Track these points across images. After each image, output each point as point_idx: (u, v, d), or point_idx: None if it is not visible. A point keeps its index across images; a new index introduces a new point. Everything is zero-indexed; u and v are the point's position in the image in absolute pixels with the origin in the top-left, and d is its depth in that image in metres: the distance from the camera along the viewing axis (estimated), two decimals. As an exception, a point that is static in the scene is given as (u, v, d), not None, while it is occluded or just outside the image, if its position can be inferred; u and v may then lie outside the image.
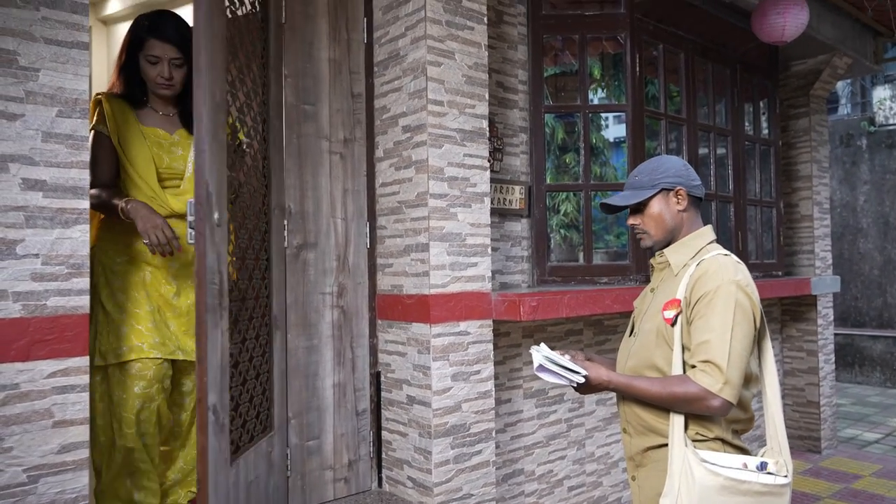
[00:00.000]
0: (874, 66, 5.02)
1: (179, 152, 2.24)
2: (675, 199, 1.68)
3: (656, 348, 1.60)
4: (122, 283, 2.14)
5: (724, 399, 1.46)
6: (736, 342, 1.48)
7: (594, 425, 3.40)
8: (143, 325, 2.12)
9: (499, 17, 3.02)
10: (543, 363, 1.52)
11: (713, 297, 1.51)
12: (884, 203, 7.98)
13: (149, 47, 2.17)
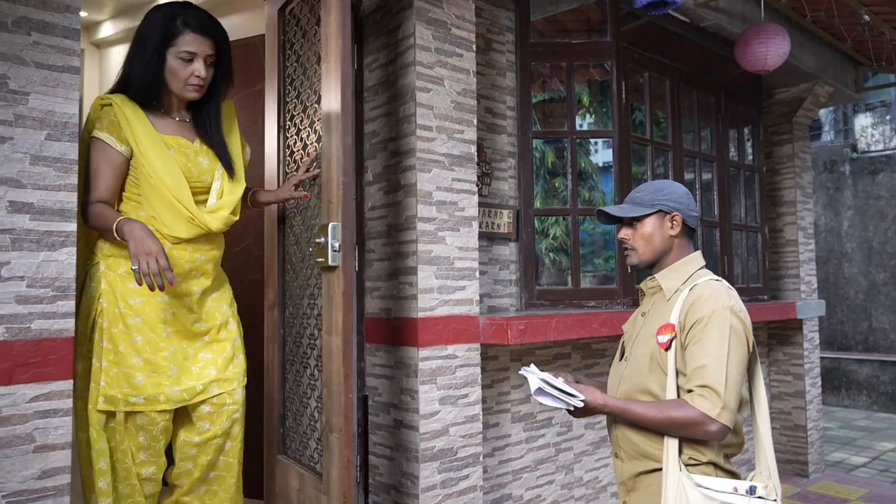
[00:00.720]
0: (855, 94, 5.12)
1: (205, 163, 1.97)
2: (669, 224, 1.70)
3: (650, 373, 1.61)
4: (141, 322, 1.87)
5: (722, 424, 1.47)
6: (732, 367, 1.49)
7: (583, 449, 3.39)
8: (162, 374, 1.87)
9: (487, 44, 3.07)
10: (542, 386, 1.52)
11: (708, 322, 1.52)
12: (867, 228, 8.09)
13: (183, 42, 1.87)
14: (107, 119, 1.86)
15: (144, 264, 1.70)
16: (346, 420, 1.84)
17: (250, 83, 2.99)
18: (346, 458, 1.84)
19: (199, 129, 2.01)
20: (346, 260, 1.86)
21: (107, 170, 1.86)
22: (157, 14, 1.91)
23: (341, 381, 1.85)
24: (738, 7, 3.83)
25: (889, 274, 7.89)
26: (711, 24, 3.71)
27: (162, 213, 1.87)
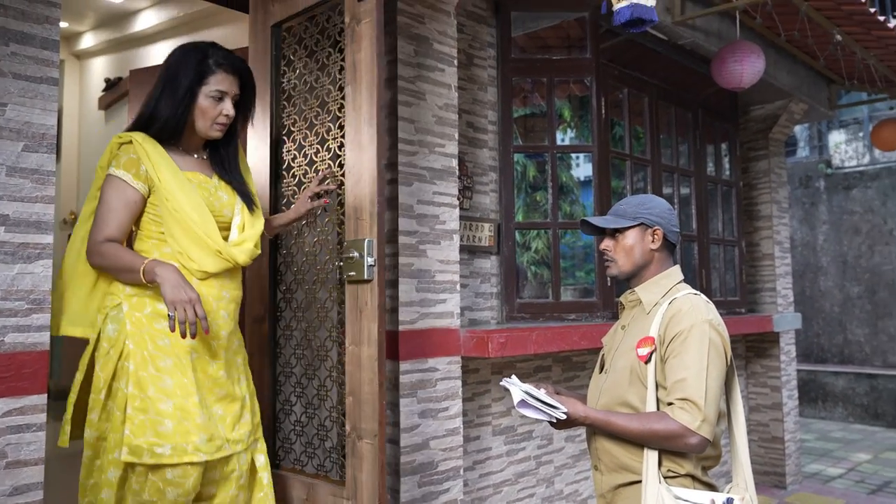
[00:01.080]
0: (828, 111, 5.23)
1: (225, 198, 1.95)
2: (650, 237, 1.73)
3: (629, 385, 1.62)
4: (171, 365, 1.78)
5: (703, 436, 1.49)
6: (711, 380, 1.51)
7: (563, 462, 3.40)
8: (192, 422, 1.75)
9: (469, 59, 3.10)
10: (525, 399, 1.53)
11: (688, 335, 1.55)
12: (842, 242, 8.23)
13: (215, 81, 1.87)
14: (125, 157, 1.82)
15: (182, 311, 1.65)
16: (380, 426, 1.90)
17: (232, 95, 2.98)
18: (381, 463, 1.90)
19: (216, 165, 2.00)
20: (381, 274, 1.94)
21: (121, 208, 1.81)
22: (188, 53, 1.90)
23: (375, 390, 1.91)
24: (715, 26, 3.91)
25: (863, 287, 8.03)
26: (689, 42, 3.78)
27: (189, 247, 1.82)
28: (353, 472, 1.98)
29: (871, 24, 3.54)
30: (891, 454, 5.95)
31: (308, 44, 2.36)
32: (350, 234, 2.02)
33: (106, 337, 1.79)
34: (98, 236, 1.78)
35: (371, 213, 1.95)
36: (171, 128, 1.87)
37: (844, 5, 3.31)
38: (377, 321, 1.93)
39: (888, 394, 7.24)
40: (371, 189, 1.96)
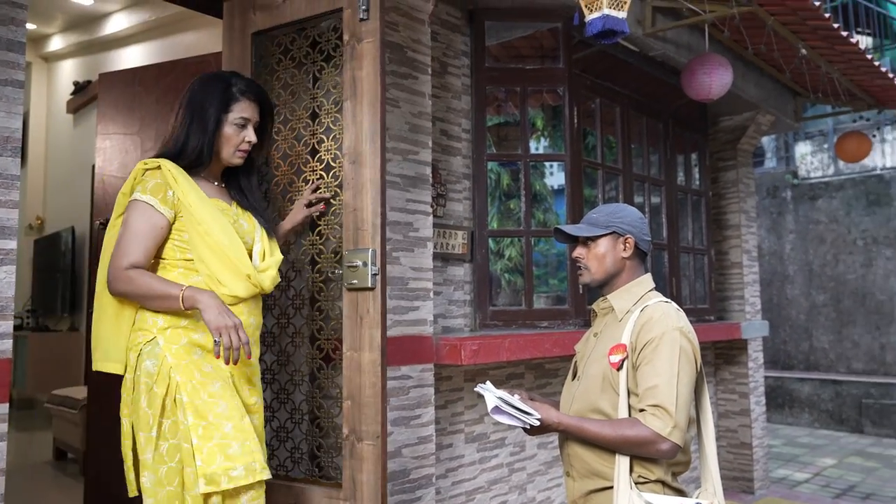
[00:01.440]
0: (794, 123, 5.35)
1: (246, 225, 1.96)
2: (622, 246, 1.76)
3: (602, 392, 1.64)
4: (221, 388, 1.77)
5: (674, 442, 1.51)
6: (682, 387, 1.54)
7: (536, 469, 3.41)
8: (252, 441, 1.75)
9: (443, 67, 3.11)
10: (499, 405, 1.54)
11: (659, 343, 1.57)
12: (808, 251, 8.41)
13: (239, 109, 1.92)
14: (151, 181, 1.81)
15: (227, 338, 1.66)
16: (382, 428, 2.00)
17: (204, 101, 2.96)
18: (383, 464, 2.00)
19: (234, 192, 2.03)
20: (383, 282, 2.04)
21: (148, 233, 1.79)
22: (212, 82, 1.94)
23: (377, 393, 2.01)
24: (685, 38, 3.98)
25: (828, 296, 8.21)
26: (659, 54, 3.85)
27: (220, 272, 1.82)
28: (352, 473, 2.05)
29: (834, 39, 3.64)
30: (855, 459, 6.07)
31: (296, 55, 2.37)
32: (349, 244, 2.10)
33: (145, 373, 1.74)
34: (122, 262, 1.75)
35: (374, 225, 2.05)
36: (198, 158, 1.88)
37: (809, 20, 3.40)
38: (380, 328, 2.02)
39: (852, 399, 7.40)
40: (374, 201, 2.06)
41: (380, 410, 2.00)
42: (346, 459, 2.07)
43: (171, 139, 1.91)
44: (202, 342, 1.80)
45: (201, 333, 1.80)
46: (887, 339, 7.76)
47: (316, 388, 2.30)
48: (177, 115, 1.93)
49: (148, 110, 3.05)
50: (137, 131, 3.07)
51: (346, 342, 2.09)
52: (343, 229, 2.14)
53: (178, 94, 3.02)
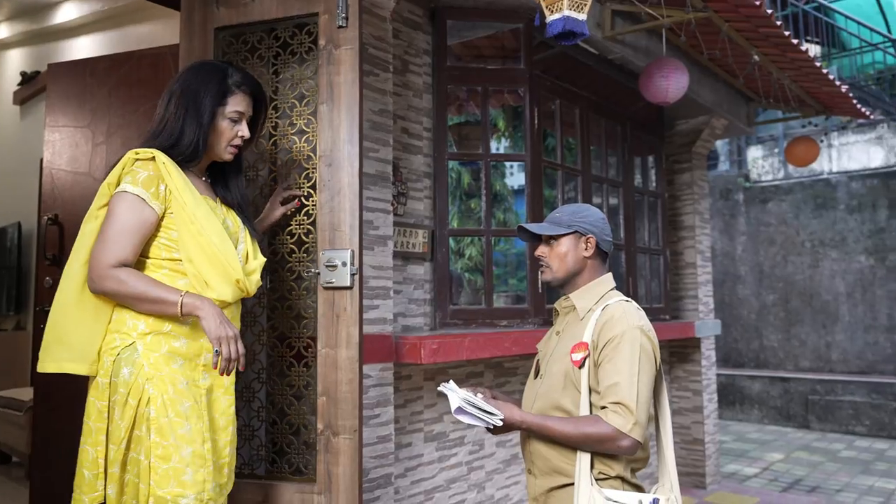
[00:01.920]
0: (747, 128, 5.50)
1: (231, 225, 1.88)
2: (583, 245, 1.78)
3: (564, 390, 1.66)
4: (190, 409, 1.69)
5: (634, 439, 1.54)
6: (642, 385, 1.57)
7: (494, 467, 3.43)
8: (206, 469, 1.68)
9: (405, 65, 3.10)
10: (463, 406, 1.54)
11: (620, 341, 1.60)
12: (759, 253, 8.66)
13: (234, 102, 1.84)
14: (142, 173, 1.70)
15: (227, 349, 1.62)
16: (359, 422, 2.09)
17: (159, 95, 2.88)
18: (360, 456, 2.10)
19: (220, 189, 1.95)
20: (360, 281, 2.14)
21: (136, 228, 1.68)
22: (207, 72, 1.84)
23: (355, 389, 2.09)
24: (643, 42, 4.05)
25: (778, 296, 8.47)
26: (618, 57, 3.91)
27: (209, 275, 1.73)
28: (327, 467, 2.12)
29: (785, 46, 3.75)
30: (801, 453, 6.28)
31: (265, 55, 2.36)
32: (325, 244, 2.16)
33: (122, 382, 1.66)
34: (109, 259, 1.64)
35: (351, 226, 2.14)
36: (193, 151, 1.79)
37: (762, 28, 3.49)
38: (358, 325, 2.10)
39: (799, 396, 7.65)
40: (352, 204, 2.14)
41: (357, 405, 2.08)
42: (320, 454, 2.12)
43: (161, 130, 1.79)
44: (183, 351, 1.73)
45: (183, 341, 1.73)
46: (832, 338, 8.04)
47: (286, 385, 2.30)
48: (167, 104, 1.82)
49: (100, 102, 2.96)
50: (88, 124, 2.98)
51: (320, 340, 2.14)
52: (318, 230, 2.18)
53: (131, 87, 2.96)
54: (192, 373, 1.74)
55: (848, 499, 4.77)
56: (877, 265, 7.82)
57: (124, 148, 2.93)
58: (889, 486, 5.10)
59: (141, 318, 1.70)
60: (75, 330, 1.71)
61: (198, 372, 1.75)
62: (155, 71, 2.90)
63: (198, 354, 1.76)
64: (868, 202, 7.93)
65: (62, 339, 1.71)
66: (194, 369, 1.74)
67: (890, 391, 7.07)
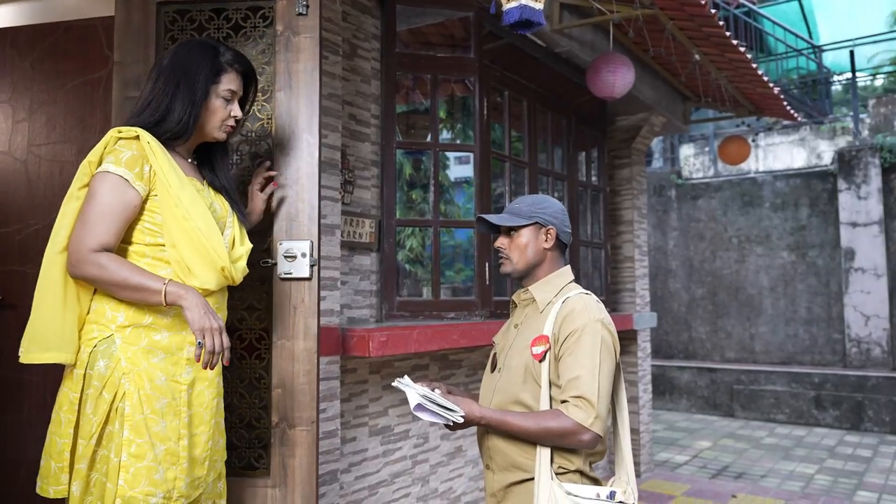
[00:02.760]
0: (683, 126, 5.65)
1: (219, 209, 1.81)
2: (544, 237, 1.75)
3: (524, 384, 1.63)
4: (166, 406, 1.63)
5: (595, 433, 1.52)
6: (603, 378, 1.55)
7: (438, 461, 3.40)
8: (179, 467, 1.63)
9: (353, 49, 3.01)
10: (423, 402, 1.49)
11: (581, 334, 1.58)
12: (689, 248, 8.96)
13: (228, 80, 1.78)
14: (126, 152, 1.62)
15: (211, 341, 1.55)
16: (317, 413, 2.09)
17: (88, 70, 2.70)
18: (317, 448, 2.09)
19: (207, 171, 1.88)
20: (318, 272, 2.13)
21: (119, 210, 1.60)
22: (200, 49, 1.78)
23: (313, 380, 2.08)
24: (589, 37, 4.08)
25: (706, 289, 8.79)
26: (565, 51, 3.92)
27: (192, 261, 1.65)
28: (283, 459, 2.09)
29: (725, 46, 3.86)
30: (727, 441, 6.54)
31: (214, 35, 2.24)
32: (282, 234, 2.12)
33: (97, 375, 1.58)
34: (90, 242, 1.57)
35: (310, 216, 2.11)
36: (181, 129, 1.72)
37: (705, 27, 3.57)
38: (316, 316, 2.09)
39: (724, 386, 7.97)
40: (310, 194, 2.11)
41: (315, 397, 2.07)
42: (274, 447, 2.09)
43: (146, 107, 1.72)
44: (165, 344, 1.66)
45: (164, 333, 1.65)
46: (756, 330, 8.41)
47: (236, 378, 2.21)
48: (154, 80, 1.74)
49: (22, 76, 2.74)
50: (9, 99, 2.76)
51: (276, 331, 2.11)
52: (274, 219, 2.12)
53: (58, 60, 2.75)
54: (173, 368, 1.66)
55: (771, 483, 4.99)
56: (798, 261, 8.22)
57: (49, 125, 2.74)
58: (808, 470, 5.38)
59: (121, 310, 1.63)
60: (58, 317, 1.63)
61: (180, 366, 1.67)
62: (84, 44, 2.71)
63: (180, 348, 1.68)
64: (791, 201, 8.31)
65: (45, 327, 1.63)
66: (176, 364, 1.67)
67: (808, 381, 7.46)
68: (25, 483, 2.60)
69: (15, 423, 2.62)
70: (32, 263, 2.69)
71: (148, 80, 1.78)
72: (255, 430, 2.15)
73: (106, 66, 2.66)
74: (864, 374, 7.20)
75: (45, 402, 2.62)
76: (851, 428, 7.11)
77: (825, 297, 8.00)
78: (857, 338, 7.65)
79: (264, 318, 2.16)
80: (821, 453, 6.02)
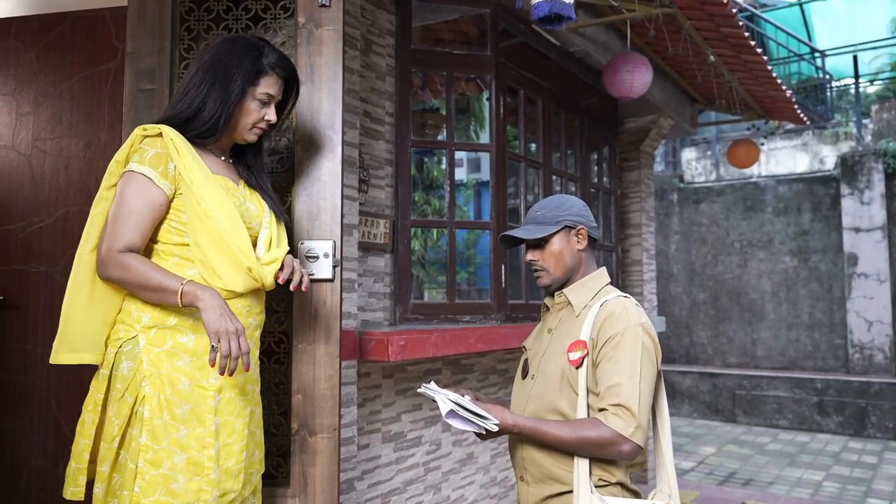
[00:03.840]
0: (691, 129, 5.60)
1: (253, 209, 1.74)
2: (576, 238, 1.68)
3: (560, 391, 1.55)
4: (188, 412, 1.56)
5: (636, 443, 1.44)
6: (644, 386, 1.48)
7: (450, 468, 3.32)
8: (205, 478, 1.54)
9: (368, 45, 2.93)
10: (455, 409, 1.40)
11: (621, 339, 1.50)
12: (690, 252, 8.92)
13: (267, 83, 1.71)
14: (150, 151, 1.58)
15: (226, 345, 1.46)
16: (338, 421, 2.01)
17: (96, 62, 2.60)
18: (339, 457, 2.01)
19: (242, 170, 1.81)
20: (341, 273, 2.05)
21: (145, 210, 1.57)
22: (242, 47, 1.70)
23: (335, 385, 2.00)
24: (602, 37, 4.02)
25: (708, 294, 8.75)
26: (579, 50, 3.86)
27: (216, 261, 1.59)
28: (303, 468, 2.01)
29: (742, 48, 3.80)
30: (731, 447, 6.49)
31: (232, 26, 2.16)
32: (303, 234, 2.04)
33: (120, 377, 1.54)
34: (116, 243, 1.54)
35: (333, 216, 2.03)
36: (211, 128, 1.66)
37: (723, 27, 3.51)
38: (338, 320, 2.01)
39: (726, 391, 7.92)
40: (333, 193, 2.04)
41: (337, 403, 1.99)
42: (294, 455, 2.01)
43: (180, 100, 1.67)
44: (190, 346, 1.58)
45: (190, 336, 1.58)
46: (758, 335, 8.37)
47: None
48: (193, 74, 1.68)
49: (26, 68, 2.64)
50: (13, 92, 2.66)
51: (296, 335, 2.02)
52: (294, 219, 2.04)
53: (64, 52, 2.66)
54: (199, 372, 1.59)
55: (780, 490, 4.94)
56: (800, 266, 8.19)
57: (54, 119, 2.64)
58: (815, 477, 5.32)
59: (146, 310, 1.58)
60: (84, 318, 1.61)
61: (206, 371, 1.59)
62: (91, 35, 2.61)
63: (206, 351, 1.60)
64: (794, 205, 8.29)
65: (72, 328, 1.62)
66: (202, 368, 1.59)
67: (811, 386, 7.42)
68: (27, 490, 2.50)
69: (17, 428, 2.52)
70: (36, 263, 2.59)
71: (187, 73, 1.73)
72: (273, 437, 2.06)
73: (115, 58, 2.57)
74: (867, 380, 7.16)
75: (49, 407, 2.52)
76: (855, 434, 7.08)
77: (828, 302, 7.96)
78: (860, 343, 7.62)
79: (283, 320, 2.07)
80: (826, 460, 5.97)
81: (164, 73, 2.09)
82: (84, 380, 1.68)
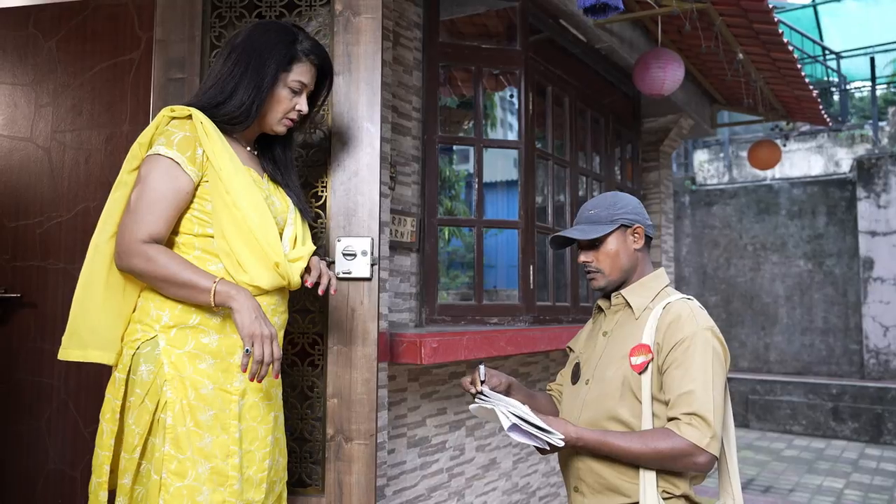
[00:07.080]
0: (710, 129, 5.52)
1: (278, 204, 1.65)
2: (632, 238, 1.59)
3: (621, 398, 1.46)
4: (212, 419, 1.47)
5: (712, 454, 1.36)
6: (717, 393, 1.39)
7: (474, 473, 3.23)
8: (229, 489, 1.45)
9: (396, 38, 2.84)
10: (518, 423, 1.31)
11: (691, 344, 1.41)
12: (702, 254, 8.82)
13: (300, 71, 1.61)
14: (178, 134, 1.48)
15: (260, 349, 1.37)
16: (375, 426, 1.94)
17: (118, 52, 2.51)
18: (375, 463, 1.93)
19: (268, 164, 1.71)
20: (379, 272, 1.98)
21: (171, 197, 1.46)
22: (276, 32, 1.61)
23: (372, 389, 1.92)
24: (628, 34, 3.93)
25: (720, 297, 8.65)
26: (605, 47, 3.77)
27: (242, 255, 1.49)
28: (338, 476, 1.94)
29: (773, 45, 3.71)
30: (747, 452, 6.39)
31: (266, 13, 2.08)
32: (339, 230, 1.97)
33: (139, 381, 1.44)
34: (139, 233, 1.43)
35: (370, 212, 1.96)
36: (243, 115, 1.56)
37: (756, 23, 3.42)
38: (376, 321, 1.93)
39: (740, 396, 7.81)
40: (371, 188, 1.95)
41: (374, 408, 1.92)
42: (329, 462, 1.94)
43: (212, 85, 1.57)
44: (213, 348, 1.48)
45: (213, 336, 1.48)
46: (771, 339, 8.28)
47: (287, 386, 2.03)
48: (224, 59, 1.59)
49: (46, 58, 2.55)
50: (31, 82, 2.57)
51: (331, 336, 1.95)
52: (331, 215, 1.95)
53: (85, 41, 2.57)
54: (222, 375, 1.49)
55: (801, 498, 4.84)
56: (814, 269, 8.09)
57: (74, 111, 2.55)
58: (836, 485, 5.23)
59: (165, 308, 1.47)
60: (97, 312, 1.50)
61: (230, 374, 1.49)
62: (114, 24, 2.52)
63: (231, 353, 1.50)
64: (808, 208, 8.19)
65: (83, 322, 1.50)
66: (226, 370, 1.49)
67: (825, 392, 7.32)
68: (44, 494, 2.41)
69: (34, 431, 2.43)
70: (54, 259, 2.50)
71: (218, 57, 1.63)
72: (307, 443, 1.97)
73: (138, 48, 2.48)
74: (883, 386, 7.07)
75: (67, 409, 2.43)
76: (871, 441, 6.98)
77: (842, 306, 7.87)
78: (876, 349, 7.52)
79: (318, 321, 1.98)
80: (845, 467, 5.87)
81: (194, 61, 2.01)
82: (104, 381, 1.59)
